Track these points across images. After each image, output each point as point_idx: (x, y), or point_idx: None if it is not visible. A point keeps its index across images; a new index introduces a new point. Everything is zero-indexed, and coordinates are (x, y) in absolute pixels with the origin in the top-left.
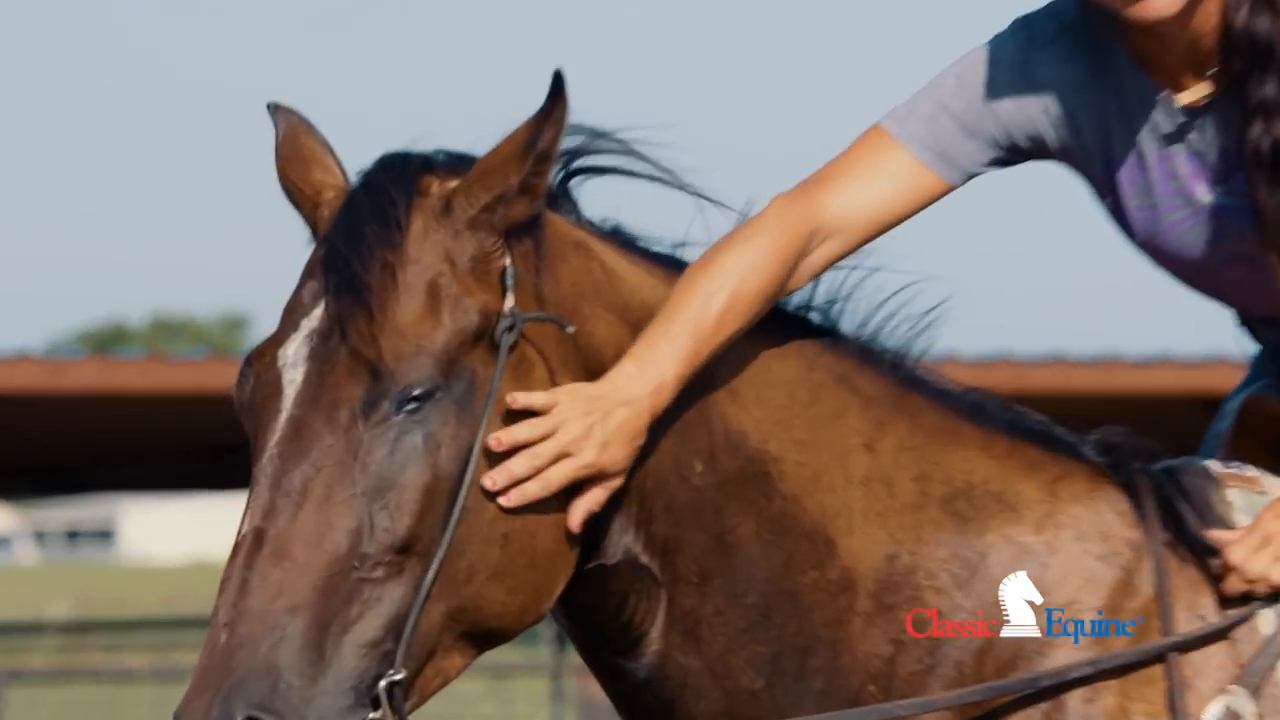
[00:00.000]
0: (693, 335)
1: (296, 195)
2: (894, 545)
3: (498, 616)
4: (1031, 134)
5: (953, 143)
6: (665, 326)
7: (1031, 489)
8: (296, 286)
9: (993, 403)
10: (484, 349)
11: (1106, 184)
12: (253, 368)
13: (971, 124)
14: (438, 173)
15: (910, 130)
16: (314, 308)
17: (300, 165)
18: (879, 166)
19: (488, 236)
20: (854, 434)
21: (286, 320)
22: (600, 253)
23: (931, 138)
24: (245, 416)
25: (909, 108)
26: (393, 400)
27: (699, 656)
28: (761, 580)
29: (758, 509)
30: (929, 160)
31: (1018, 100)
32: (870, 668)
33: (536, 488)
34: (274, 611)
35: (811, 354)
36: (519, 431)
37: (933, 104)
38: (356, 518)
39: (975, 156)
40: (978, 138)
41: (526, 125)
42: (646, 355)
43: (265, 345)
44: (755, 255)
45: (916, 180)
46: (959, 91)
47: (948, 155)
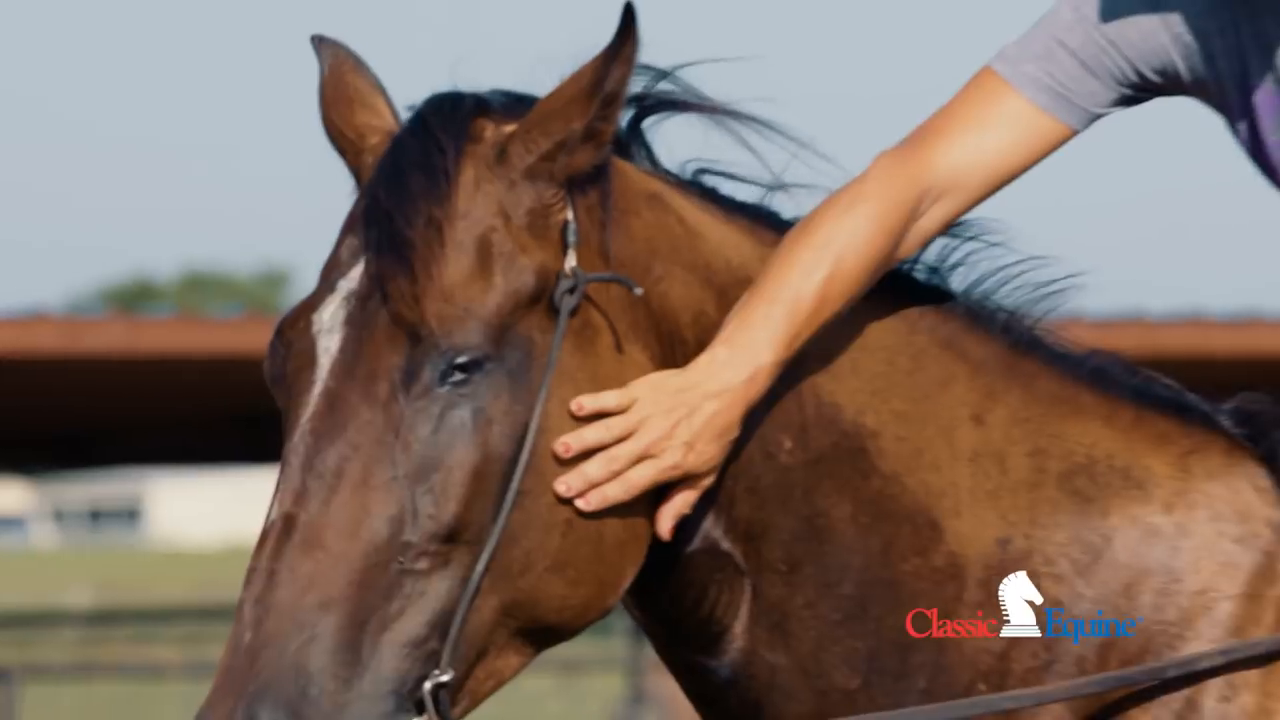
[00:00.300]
0: (790, 317)
1: (340, 140)
2: (1006, 528)
3: (557, 611)
4: (1160, 66)
5: (1072, 82)
6: (761, 306)
7: (1161, 464)
8: (335, 242)
9: (1116, 368)
10: (542, 313)
11: (1243, 117)
12: (285, 335)
13: (1092, 60)
14: (493, 116)
15: (1024, 71)
16: (352, 267)
17: (344, 106)
18: (991, 115)
19: (547, 188)
20: (961, 404)
21: (323, 281)
22: (678, 206)
23: (1048, 78)
24: (276, 389)
25: (1021, 46)
26: (435, 368)
27: (788, 653)
28: (857, 568)
29: (853, 489)
30: (1046, 104)
31: (1143, 29)
32: (980, 664)
33: (618, 490)
34: (304, 607)
35: (913, 316)
36: (590, 434)
37: (1047, 40)
38: (397, 503)
39: (1099, 96)
40: (1100, 75)
41: (592, 64)
42: (740, 338)
43: (299, 309)
44: (859, 225)
45: (1034, 127)
46: (1076, 24)
47: (1067, 97)
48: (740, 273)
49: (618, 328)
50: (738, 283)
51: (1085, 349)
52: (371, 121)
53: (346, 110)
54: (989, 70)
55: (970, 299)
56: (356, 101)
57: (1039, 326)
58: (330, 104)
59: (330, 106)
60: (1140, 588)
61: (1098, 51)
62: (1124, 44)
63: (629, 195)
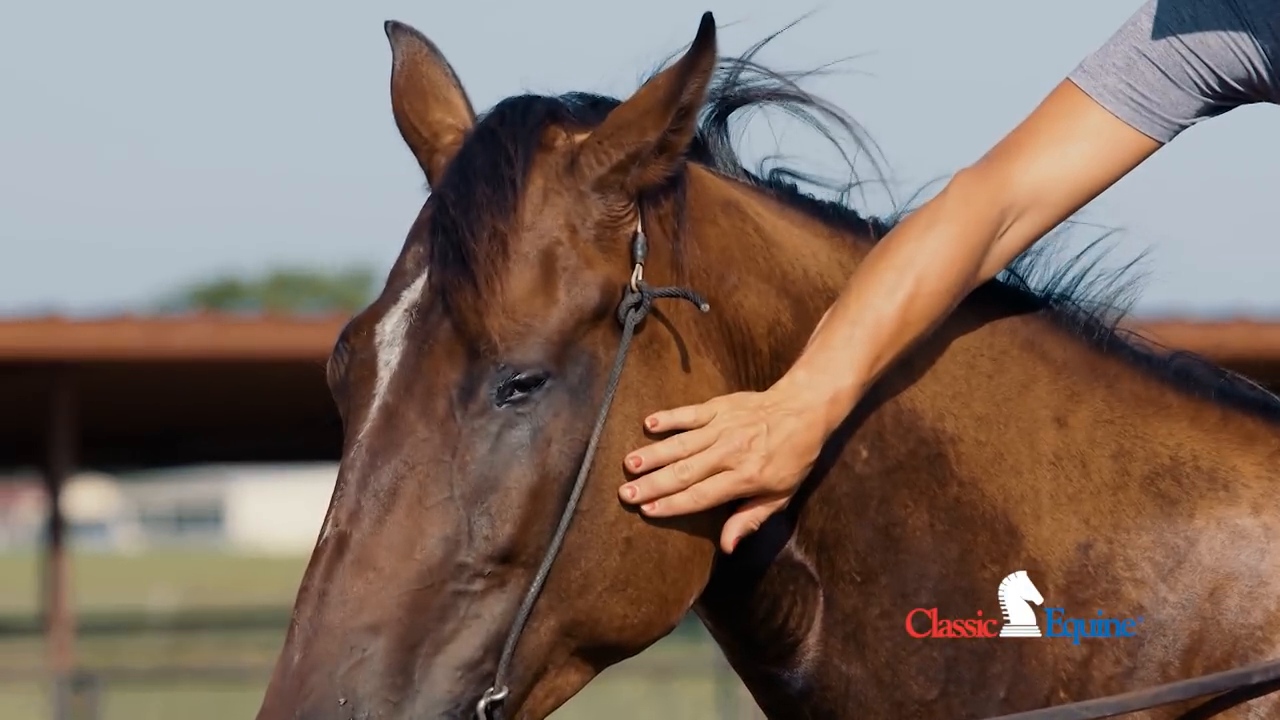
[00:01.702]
0: (872, 339)
1: (412, 135)
2: (1088, 532)
3: (618, 631)
4: (1244, 74)
5: (1154, 94)
6: (842, 328)
7: (1249, 465)
8: (403, 247)
9: (1202, 368)
10: (607, 328)
11: None
12: (350, 342)
13: (1174, 70)
14: (565, 123)
15: (1104, 84)
16: (417, 277)
17: (418, 99)
18: (1073, 129)
19: (617, 200)
20: (1043, 406)
21: (389, 289)
22: (755, 213)
23: (1130, 90)
24: (339, 398)
25: (1101, 58)
26: (493, 385)
27: (863, 664)
28: (934, 577)
29: (930, 497)
30: (1128, 116)
31: (1224, 37)
32: (1061, 672)
33: (687, 501)
34: (355, 629)
35: (994, 317)
36: (664, 449)
37: (1128, 51)
38: (453, 523)
39: (1182, 107)
40: (1183, 85)
41: (669, 74)
42: (821, 360)
43: (364, 317)
44: (940, 245)
45: (1117, 140)
46: (1156, 34)
47: (1150, 108)
48: (817, 281)
49: (687, 341)
50: (815, 291)
51: (1169, 349)
52: (446, 118)
53: (420, 104)
54: (1069, 83)
55: (1051, 298)
56: (430, 95)
57: (1121, 326)
58: (403, 96)
59: (403, 98)
60: (1225, 591)
61: (1179, 61)
62: (1205, 53)
63: (704, 203)
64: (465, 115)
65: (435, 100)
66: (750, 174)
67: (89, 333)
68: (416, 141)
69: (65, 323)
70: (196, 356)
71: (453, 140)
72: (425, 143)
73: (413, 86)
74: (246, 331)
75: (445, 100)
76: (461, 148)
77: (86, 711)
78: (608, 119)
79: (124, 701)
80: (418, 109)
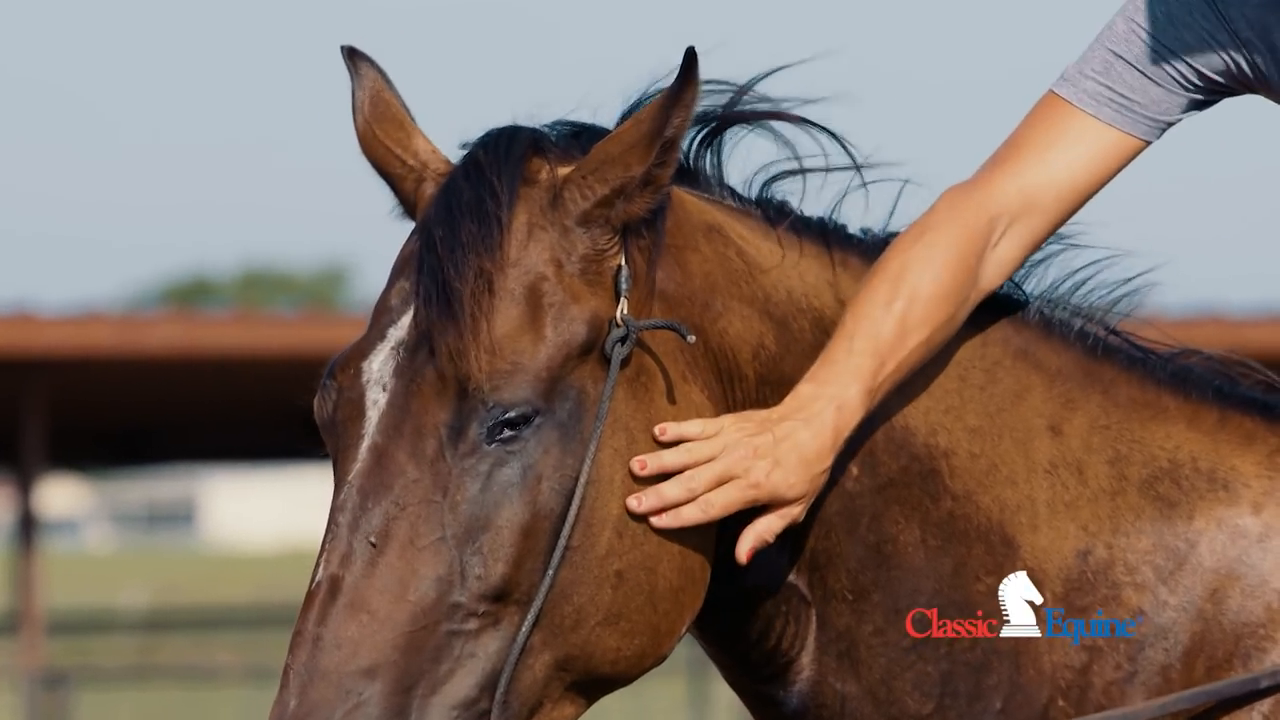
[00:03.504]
0: (872, 350)
1: (393, 164)
2: (1087, 539)
3: (612, 664)
4: (1223, 67)
5: (1135, 94)
6: (842, 343)
7: (1248, 464)
8: (388, 282)
9: (1198, 369)
10: (594, 363)
11: None
12: (336, 381)
13: (1152, 69)
14: (548, 155)
15: (1084, 89)
16: (402, 314)
17: (395, 128)
18: (1057, 136)
19: (602, 233)
20: (1037, 415)
21: (374, 325)
22: (739, 236)
23: (1110, 92)
24: (327, 436)
25: (1079, 65)
26: (482, 424)
27: (858, 681)
28: (928, 592)
29: (923, 512)
30: (1111, 118)
31: (1200, 32)
32: (1060, 680)
33: (695, 511)
34: (350, 673)
35: (985, 327)
36: (670, 456)
37: (1105, 55)
38: (445, 564)
39: (1164, 105)
40: (1163, 83)
41: (653, 109)
42: (823, 374)
43: (350, 354)
44: (930, 253)
45: (1102, 143)
46: (1133, 35)
47: (1132, 108)
48: (801, 302)
49: (673, 370)
50: (799, 312)
51: (1169, 348)
52: (432, 149)
53: (399, 132)
54: (1050, 94)
55: (1043, 306)
56: (406, 124)
57: (1115, 330)
58: (374, 123)
59: (374, 125)
60: (1226, 591)
61: (1157, 59)
62: (1181, 48)
63: (687, 229)
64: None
65: (414, 128)
66: (736, 193)
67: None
68: (400, 170)
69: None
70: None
71: (439, 171)
72: (412, 171)
73: (385, 115)
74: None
75: (418, 130)
76: (446, 181)
77: (58, 710)
78: (591, 153)
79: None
80: (398, 137)
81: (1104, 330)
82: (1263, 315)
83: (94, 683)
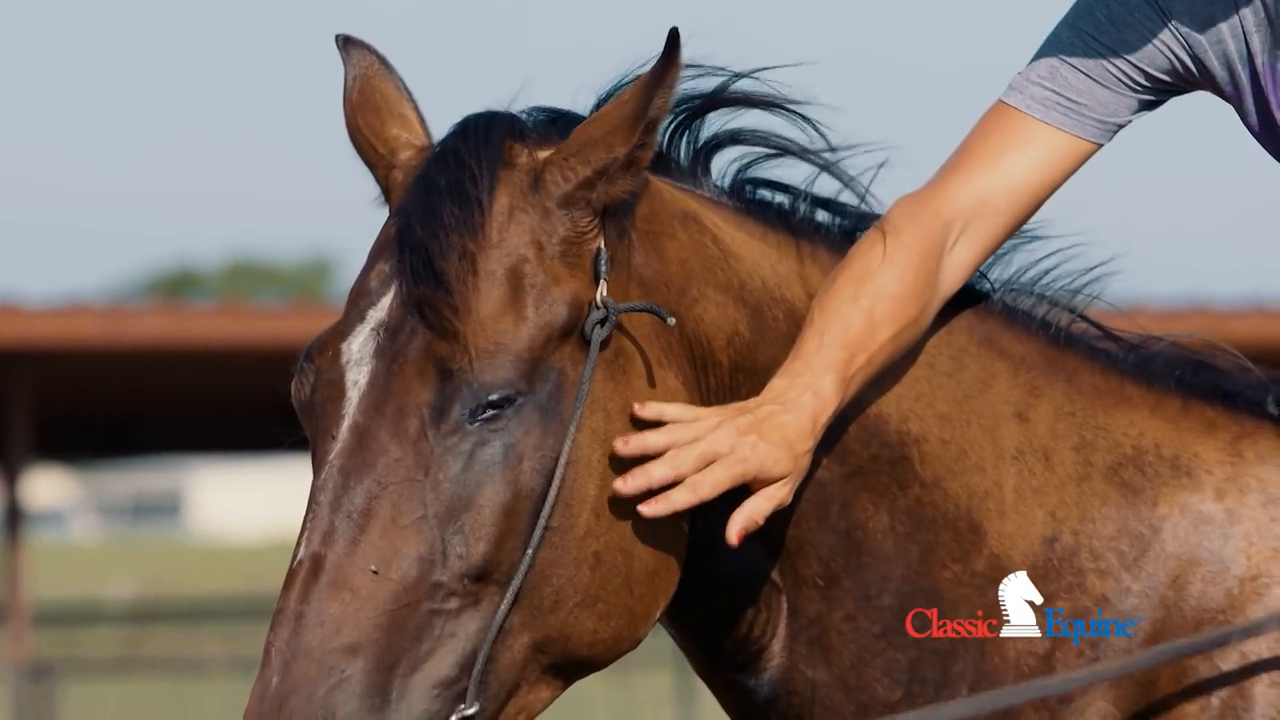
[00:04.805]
0: (843, 343)
1: (368, 151)
2: (1053, 525)
3: (589, 646)
4: (1167, 65)
5: (1082, 97)
6: (813, 337)
7: (1211, 451)
8: (365, 266)
9: (1162, 356)
10: (573, 344)
11: (1253, 96)
12: (314, 363)
13: (1097, 71)
14: (527, 140)
15: (1032, 95)
16: (382, 296)
17: (373, 115)
18: (1009, 142)
19: (582, 216)
20: (1004, 402)
21: (352, 308)
22: (713, 224)
23: (1057, 96)
24: (305, 419)
25: (1026, 73)
26: (466, 405)
27: (828, 668)
28: (897, 579)
29: (891, 499)
30: (1059, 122)
31: (1142, 31)
32: (1024, 667)
33: (685, 494)
34: (332, 651)
35: (949, 315)
36: (653, 437)
37: (1050, 61)
38: (427, 543)
39: (1112, 106)
40: (1109, 84)
41: (635, 90)
42: (796, 367)
43: (328, 337)
44: (894, 255)
45: (1053, 147)
46: (1076, 39)
47: (1080, 111)
48: (775, 292)
49: (650, 354)
50: (773, 301)
51: (1132, 336)
52: (402, 134)
53: (375, 120)
54: (999, 103)
55: (1006, 295)
56: (385, 110)
57: (1081, 313)
58: (357, 111)
59: (357, 113)
60: (1188, 577)
61: (1101, 61)
62: (1125, 49)
63: (663, 216)
64: (420, 130)
65: (390, 115)
66: (710, 181)
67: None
68: (373, 158)
69: (22, 313)
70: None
71: (410, 156)
72: (382, 159)
73: (367, 102)
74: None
75: (400, 115)
76: (424, 167)
77: (44, 702)
78: (573, 135)
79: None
80: (373, 124)
81: (1067, 319)
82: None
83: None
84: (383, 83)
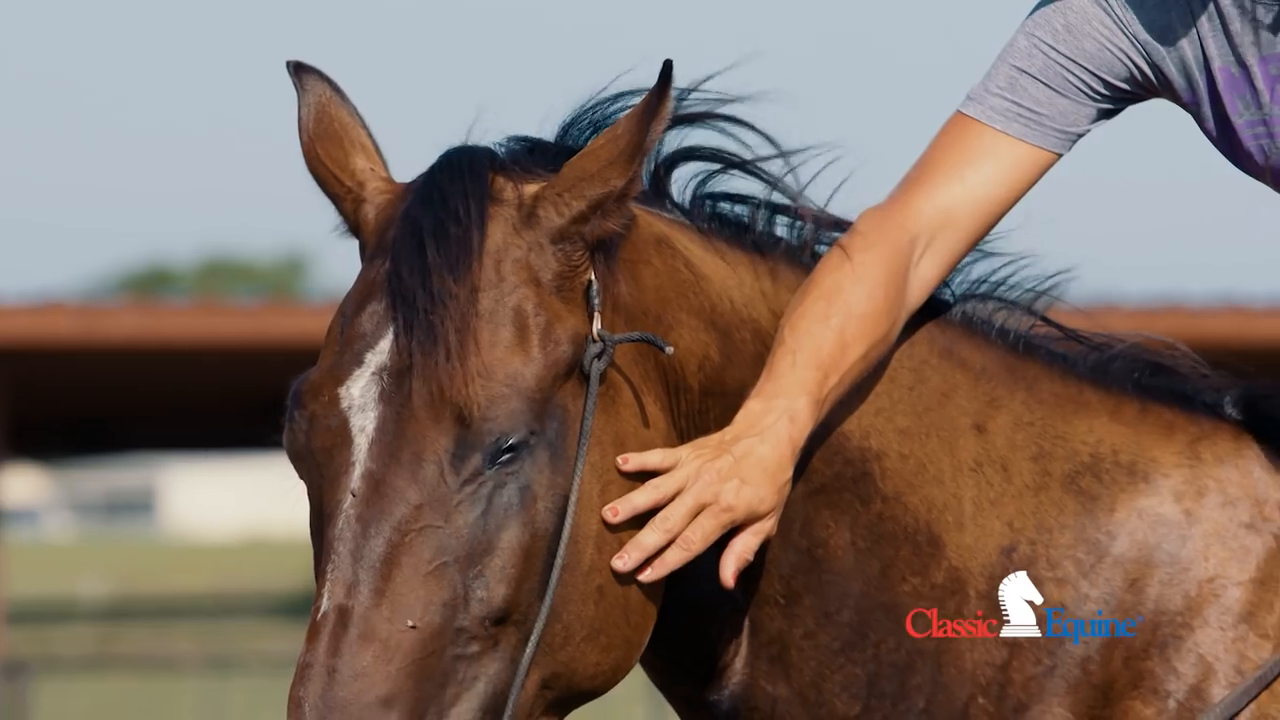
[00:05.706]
0: (815, 363)
1: (332, 184)
2: (1011, 536)
3: (590, 679)
4: (1125, 73)
5: (1041, 107)
6: (785, 357)
7: (1168, 454)
8: (353, 308)
9: (1121, 358)
10: (573, 380)
11: (1210, 102)
12: (307, 408)
13: (1056, 80)
14: (510, 173)
15: (991, 105)
16: (379, 339)
17: (334, 146)
18: (969, 154)
19: (575, 249)
20: (963, 414)
21: (345, 351)
22: (684, 247)
23: (1017, 107)
24: (301, 465)
25: (984, 84)
26: (486, 453)
27: (788, 684)
28: (856, 595)
29: (853, 515)
30: (1019, 132)
31: (1099, 39)
32: (980, 678)
33: (678, 555)
34: (368, 705)
35: (911, 327)
36: (640, 497)
37: (1009, 71)
38: (450, 589)
39: (1071, 115)
40: (1068, 94)
41: (630, 124)
42: (770, 389)
43: (321, 380)
44: (859, 271)
45: (1013, 157)
46: (1034, 49)
47: (1040, 121)
48: (743, 312)
49: (634, 383)
50: (741, 323)
51: (1092, 339)
52: (368, 165)
53: (337, 151)
54: (958, 114)
55: (965, 305)
56: (345, 139)
57: (1042, 316)
58: (316, 141)
59: (316, 143)
60: (1146, 581)
61: (1060, 71)
62: (1083, 58)
63: (638, 243)
64: (379, 160)
65: (351, 145)
66: (674, 202)
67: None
68: (337, 189)
69: None
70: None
71: (379, 189)
72: (349, 191)
73: (326, 132)
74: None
75: (361, 145)
76: (410, 207)
77: (17, 700)
78: (565, 170)
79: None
80: (334, 155)
81: (1027, 324)
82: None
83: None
84: (338, 110)
